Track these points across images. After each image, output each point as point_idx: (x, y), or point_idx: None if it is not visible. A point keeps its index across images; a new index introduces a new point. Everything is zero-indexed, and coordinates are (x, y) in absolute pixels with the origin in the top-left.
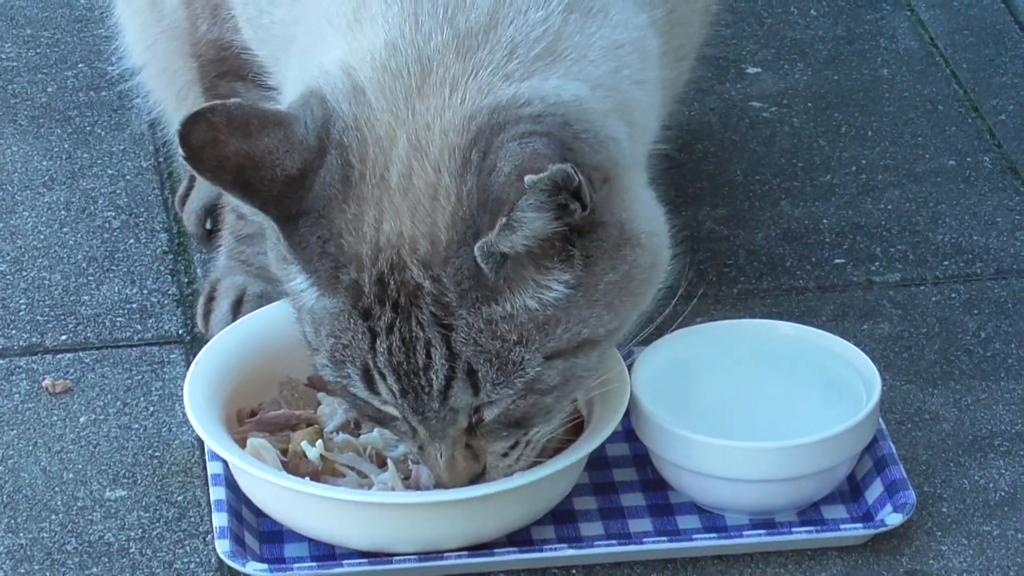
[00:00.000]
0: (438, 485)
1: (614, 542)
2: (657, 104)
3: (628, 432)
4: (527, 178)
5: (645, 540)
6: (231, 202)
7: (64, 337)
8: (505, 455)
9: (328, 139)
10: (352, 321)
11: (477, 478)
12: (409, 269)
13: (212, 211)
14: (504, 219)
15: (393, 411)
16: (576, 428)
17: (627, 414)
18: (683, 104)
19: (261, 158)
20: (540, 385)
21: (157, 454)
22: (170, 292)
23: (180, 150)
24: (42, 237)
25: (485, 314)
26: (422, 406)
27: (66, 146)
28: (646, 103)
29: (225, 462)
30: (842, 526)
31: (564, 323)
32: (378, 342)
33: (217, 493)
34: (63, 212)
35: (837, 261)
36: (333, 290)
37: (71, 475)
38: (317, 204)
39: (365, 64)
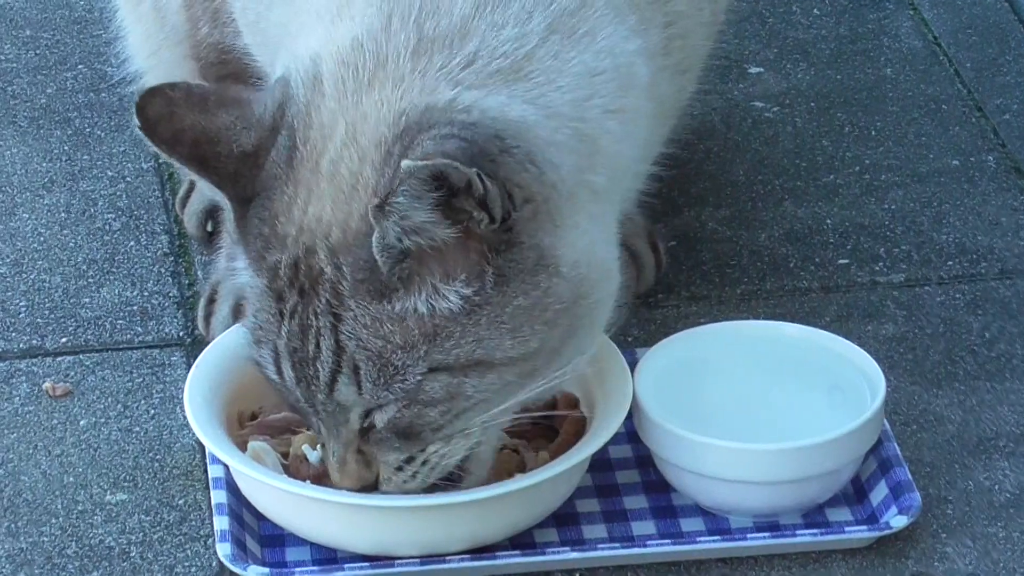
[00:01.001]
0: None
1: (617, 545)
2: (638, 133)
3: (631, 434)
4: (404, 162)
5: (648, 543)
6: None
7: (64, 340)
8: (400, 469)
9: (282, 120)
10: (268, 301)
11: (370, 487)
12: (318, 254)
13: (213, 213)
14: (377, 200)
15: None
16: (579, 430)
17: (630, 416)
18: (687, 113)
19: (217, 133)
20: (423, 396)
21: (158, 457)
22: (171, 294)
23: (135, 120)
24: (42, 239)
25: (373, 310)
26: (312, 397)
27: (66, 148)
28: (619, 133)
29: (226, 465)
30: (847, 528)
31: (456, 337)
32: (283, 325)
33: (218, 496)
34: (63, 214)
35: (841, 262)
36: (259, 269)
37: (71, 479)
38: (265, 185)
39: (330, 56)
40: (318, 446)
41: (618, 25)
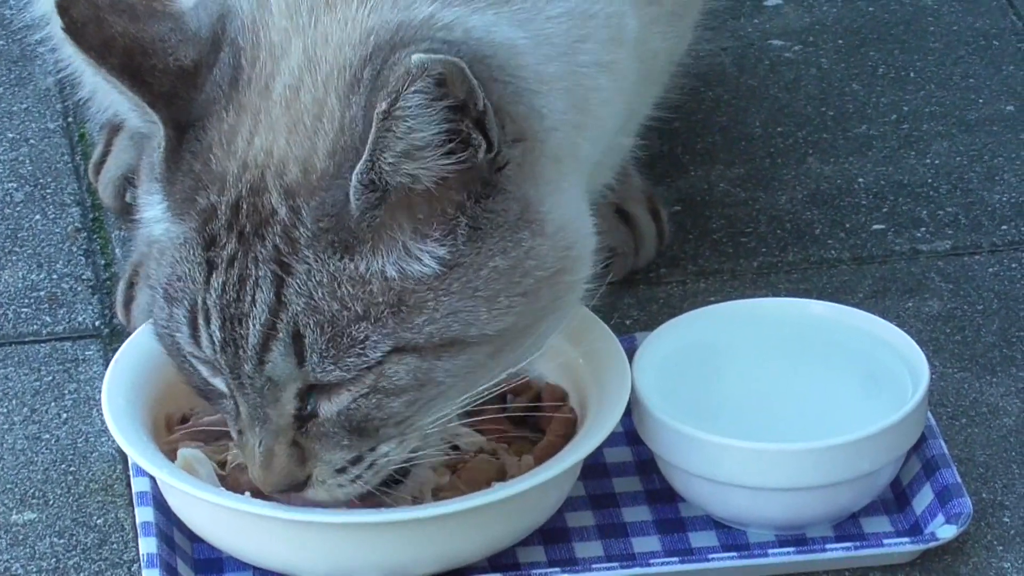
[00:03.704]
0: (255, 485)
1: (615, 565)
2: (623, 96)
3: (630, 434)
4: (415, 56)
5: (652, 562)
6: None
7: None
8: (342, 471)
9: (223, 35)
10: (193, 250)
11: (298, 488)
12: (269, 193)
13: (133, 180)
14: (387, 102)
15: (218, 382)
16: (568, 430)
17: (628, 413)
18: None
19: (151, 44)
20: (385, 383)
21: (72, 469)
22: (84, 277)
23: (59, 21)
24: None
25: (333, 266)
26: (238, 365)
27: None
28: (607, 91)
29: (152, 478)
30: (885, 541)
31: (429, 312)
32: (214, 276)
33: (143, 514)
34: None
35: (876, 227)
36: (185, 214)
37: None
38: (202, 111)
39: None
40: (235, 432)
41: None
